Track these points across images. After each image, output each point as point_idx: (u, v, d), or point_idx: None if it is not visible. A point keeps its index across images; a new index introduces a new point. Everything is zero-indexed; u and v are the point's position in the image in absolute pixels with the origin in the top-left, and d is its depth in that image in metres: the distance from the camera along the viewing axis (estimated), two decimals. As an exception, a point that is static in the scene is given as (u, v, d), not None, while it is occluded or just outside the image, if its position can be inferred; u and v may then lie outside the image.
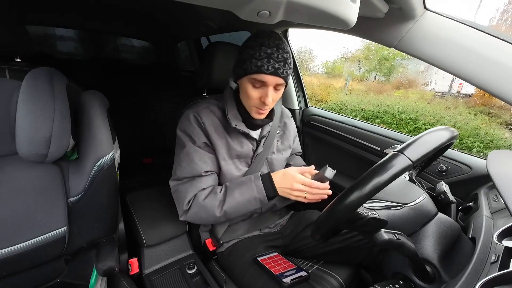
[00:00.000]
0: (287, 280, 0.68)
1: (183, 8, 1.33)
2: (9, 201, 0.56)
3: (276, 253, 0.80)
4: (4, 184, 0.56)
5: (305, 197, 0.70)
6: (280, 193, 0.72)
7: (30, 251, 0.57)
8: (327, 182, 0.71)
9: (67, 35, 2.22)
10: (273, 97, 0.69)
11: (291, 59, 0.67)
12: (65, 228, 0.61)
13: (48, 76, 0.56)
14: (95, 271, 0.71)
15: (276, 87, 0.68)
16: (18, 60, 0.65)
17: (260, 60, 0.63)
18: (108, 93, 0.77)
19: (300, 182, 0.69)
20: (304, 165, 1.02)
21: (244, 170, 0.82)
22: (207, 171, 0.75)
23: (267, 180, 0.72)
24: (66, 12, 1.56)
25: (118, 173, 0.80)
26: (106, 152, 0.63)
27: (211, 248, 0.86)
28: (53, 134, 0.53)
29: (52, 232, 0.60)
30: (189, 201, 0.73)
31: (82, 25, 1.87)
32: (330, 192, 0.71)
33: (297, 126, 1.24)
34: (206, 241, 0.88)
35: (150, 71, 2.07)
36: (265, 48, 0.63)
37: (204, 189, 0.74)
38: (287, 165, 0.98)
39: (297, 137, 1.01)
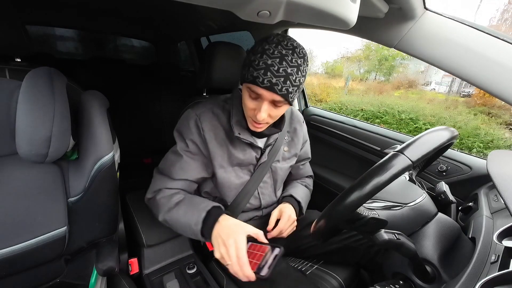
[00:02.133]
0: (264, 272, 0.57)
1: (183, 8, 1.33)
2: (9, 201, 0.56)
3: (249, 243, 0.66)
4: (4, 184, 0.56)
5: (227, 264, 0.58)
6: (212, 239, 0.61)
7: (30, 251, 0.57)
8: (250, 271, 0.56)
9: (67, 35, 2.22)
10: (270, 113, 0.62)
11: (301, 74, 0.58)
12: (65, 228, 0.61)
13: (48, 76, 0.56)
14: (95, 271, 0.71)
15: (275, 103, 0.60)
16: (18, 60, 0.65)
17: (257, 71, 0.56)
18: (108, 93, 0.77)
19: (237, 248, 0.57)
20: (310, 175, 1.01)
21: (246, 178, 0.79)
22: (184, 179, 0.73)
23: (211, 220, 0.63)
24: (66, 12, 1.56)
25: (118, 173, 0.80)
26: (106, 152, 0.63)
27: (211, 248, 0.86)
28: (53, 134, 0.53)
29: (52, 232, 0.59)
30: (154, 191, 0.73)
31: (82, 25, 1.87)
32: (252, 278, 0.56)
33: None
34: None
35: (150, 71, 2.07)
36: (266, 57, 0.55)
37: (170, 188, 0.72)
38: (294, 170, 0.95)
39: (308, 142, 0.95)
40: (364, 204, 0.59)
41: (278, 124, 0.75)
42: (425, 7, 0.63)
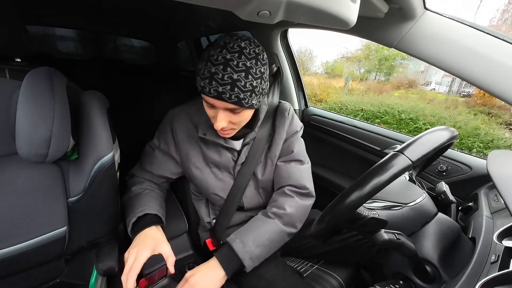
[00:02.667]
0: None
1: (183, 8, 1.33)
2: (9, 201, 0.56)
3: (162, 263, 0.66)
4: (4, 184, 0.56)
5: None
6: (135, 241, 0.65)
7: (30, 251, 0.57)
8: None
9: (67, 35, 2.22)
10: (231, 120, 0.58)
11: (252, 78, 0.52)
12: (65, 228, 0.61)
13: (48, 76, 0.56)
14: (95, 271, 0.71)
15: (232, 110, 0.57)
16: (18, 60, 0.65)
17: (203, 80, 0.53)
18: (108, 93, 0.77)
19: (136, 259, 0.58)
20: (292, 185, 0.77)
21: (227, 180, 0.75)
22: (148, 171, 0.79)
23: (139, 226, 0.68)
24: (66, 12, 1.56)
25: (118, 173, 0.80)
26: (106, 152, 0.63)
27: (211, 248, 0.86)
28: (53, 134, 0.52)
29: (52, 232, 0.59)
30: (130, 175, 0.83)
31: (82, 25, 1.87)
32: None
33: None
34: (206, 241, 0.88)
35: (150, 71, 2.07)
36: (210, 65, 0.51)
37: (139, 177, 0.80)
38: (276, 171, 0.78)
39: (297, 137, 0.80)
40: (364, 204, 0.59)
41: (250, 125, 0.69)
42: (425, 7, 0.63)
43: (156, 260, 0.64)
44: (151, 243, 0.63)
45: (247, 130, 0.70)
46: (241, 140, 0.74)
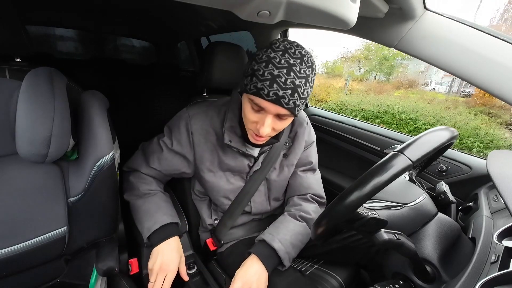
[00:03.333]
0: None
1: (183, 8, 1.33)
2: (9, 201, 0.56)
3: None
4: (4, 184, 0.56)
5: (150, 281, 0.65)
6: (154, 250, 0.69)
7: (30, 251, 0.57)
8: None
9: (67, 35, 2.22)
10: (275, 127, 0.57)
11: (309, 86, 0.53)
12: (65, 228, 0.61)
13: (48, 76, 0.56)
14: (95, 271, 0.71)
15: (280, 116, 0.55)
16: (18, 60, 0.65)
17: (262, 82, 0.50)
18: (108, 93, 0.77)
19: (165, 283, 0.64)
20: (310, 193, 0.82)
21: (239, 185, 0.76)
22: (155, 169, 0.76)
23: (161, 235, 0.69)
24: (66, 12, 1.56)
25: (118, 173, 0.80)
26: (106, 152, 0.63)
27: (212, 248, 0.86)
28: (53, 134, 0.53)
29: (52, 232, 0.59)
30: (130, 168, 0.78)
31: (82, 25, 1.87)
32: None
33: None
34: (207, 241, 0.88)
35: (150, 71, 2.07)
36: (272, 67, 0.49)
37: (145, 174, 0.76)
38: (293, 180, 0.82)
39: (313, 147, 0.84)
40: (364, 204, 0.59)
41: (276, 135, 0.68)
42: (425, 7, 0.63)
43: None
44: (173, 262, 0.67)
45: (272, 140, 0.68)
46: (259, 148, 0.73)
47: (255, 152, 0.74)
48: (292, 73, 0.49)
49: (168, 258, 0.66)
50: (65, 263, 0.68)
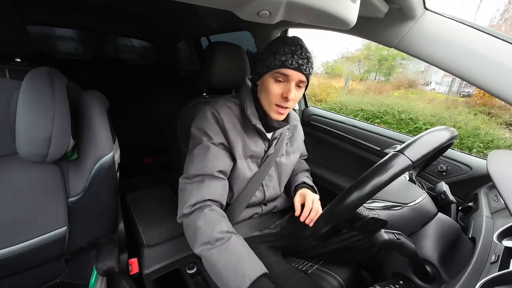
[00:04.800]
0: None
1: (183, 8, 1.33)
2: (9, 201, 0.56)
3: None
4: (4, 184, 0.56)
5: None
6: None
7: (30, 251, 0.57)
8: None
9: (67, 35, 2.22)
10: (295, 95, 0.69)
11: (312, 60, 0.69)
12: (65, 228, 0.61)
13: (48, 76, 0.56)
14: (95, 271, 0.71)
15: (298, 85, 0.69)
16: (18, 60, 0.65)
17: (285, 56, 0.65)
18: (108, 93, 0.77)
19: None
20: (307, 169, 1.03)
21: (255, 170, 0.81)
22: (220, 171, 0.70)
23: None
24: (66, 12, 1.56)
25: (118, 173, 0.80)
26: (106, 152, 0.63)
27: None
28: (53, 134, 0.53)
29: (52, 232, 0.60)
30: (192, 205, 0.65)
31: (82, 25, 1.87)
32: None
33: None
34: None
35: (150, 71, 2.07)
36: (289, 46, 0.65)
37: (212, 208, 0.66)
38: (297, 166, 0.99)
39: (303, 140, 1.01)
40: (364, 204, 0.59)
41: (285, 119, 0.80)
42: (425, 7, 0.63)
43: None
44: None
45: (284, 123, 0.79)
46: (271, 134, 0.83)
47: (269, 136, 0.82)
48: (303, 49, 0.66)
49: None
50: (65, 263, 0.69)
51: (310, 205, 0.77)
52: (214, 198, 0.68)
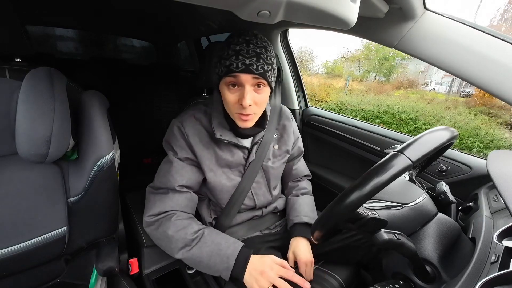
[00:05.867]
0: None
1: (183, 8, 1.33)
2: (9, 201, 0.56)
3: None
4: (4, 184, 0.56)
5: None
6: (246, 277, 0.62)
7: (30, 251, 0.57)
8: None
9: (67, 35, 2.22)
10: (254, 99, 0.62)
11: (270, 55, 0.60)
12: (65, 228, 0.61)
13: (48, 76, 0.56)
14: (95, 271, 0.71)
15: (256, 87, 0.61)
16: (18, 60, 0.65)
17: (228, 59, 0.58)
18: (108, 93, 0.77)
19: (280, 266, 0.63)
20: (307, 175, 1.01)
21: (237, 179, 0.78)
22: (181, 185, 0.71)
23: (242, 261, 0.64)
24: (66, 12, 1.56)
25: (118, 173, 0.80)
26: (106, 152, 0.63)
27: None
28: (53, 134, 0.53)
29: (52, 232, 0.60)
30: (155, 215, 0.69)
31: (82, 25, 1.87)
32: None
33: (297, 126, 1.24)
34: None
35: (150, 71, 2.07)
36: (233, 46, 0.58)
37: (177, 215, 0.68)
38: (288, 169, 0.95)
39: (300, 138, 0.96)
40: (364, 204, 0.59)
41: (261, 123, 0.74)
42: (425, 7, 0.63)
43: None
44: (265, 258, 0.65)
45: (258, 129, 0.74)
46: (251, 139, 0.79)
47: (247, 142, 0.79)
48: (251, 45, 0.58)
49: (260, 266, 0.63)
50: (65, 263, 0.68)
51: (303, 270, 0.74)
52: (178, 209, 0.70)
